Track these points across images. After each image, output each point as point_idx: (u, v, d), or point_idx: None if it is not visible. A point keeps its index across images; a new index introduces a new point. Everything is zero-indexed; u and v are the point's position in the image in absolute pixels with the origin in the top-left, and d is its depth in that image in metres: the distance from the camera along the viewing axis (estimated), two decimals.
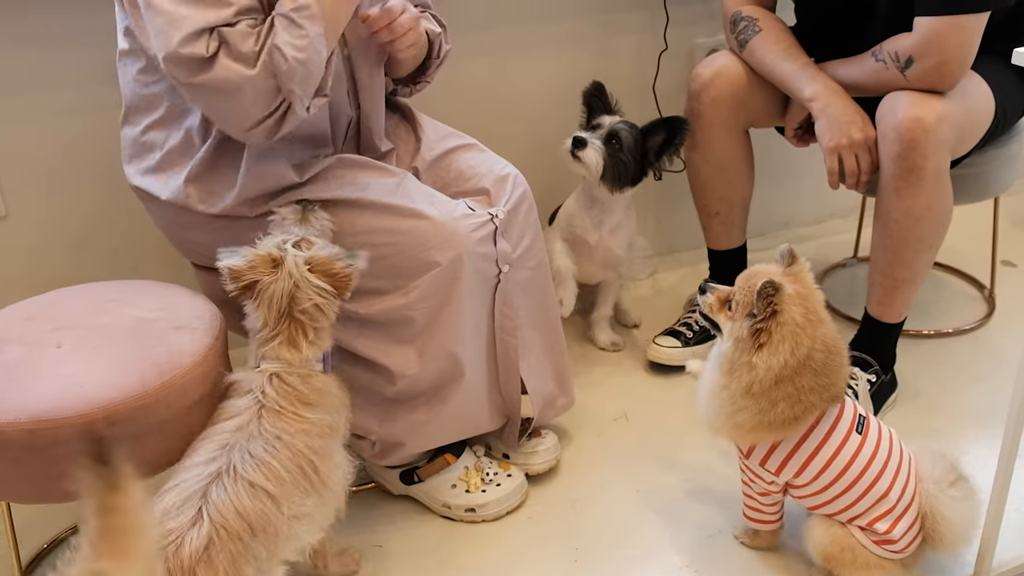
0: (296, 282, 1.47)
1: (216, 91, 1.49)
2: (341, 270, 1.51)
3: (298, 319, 1.49)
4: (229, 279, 1.48)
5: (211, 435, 1.43)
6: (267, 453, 1.39)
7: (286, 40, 1.48)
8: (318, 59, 1.52)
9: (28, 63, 2.02)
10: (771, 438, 1.59)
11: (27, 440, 1.40)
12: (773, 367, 1.51)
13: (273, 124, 1.55)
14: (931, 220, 1.92)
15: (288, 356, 1.49)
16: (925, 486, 1.61)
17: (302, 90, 1.52)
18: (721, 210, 2.28)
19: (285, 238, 1.52)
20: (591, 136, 2.15)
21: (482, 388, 1.83)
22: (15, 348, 1.54)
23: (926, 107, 1.84)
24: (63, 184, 2.14)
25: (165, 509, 1.32)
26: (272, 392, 1.46)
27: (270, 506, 1.36)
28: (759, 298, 1.51)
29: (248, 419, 1.43)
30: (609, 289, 2.41)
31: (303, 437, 1.44)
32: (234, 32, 1.47)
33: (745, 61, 2.13)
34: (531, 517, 1.90)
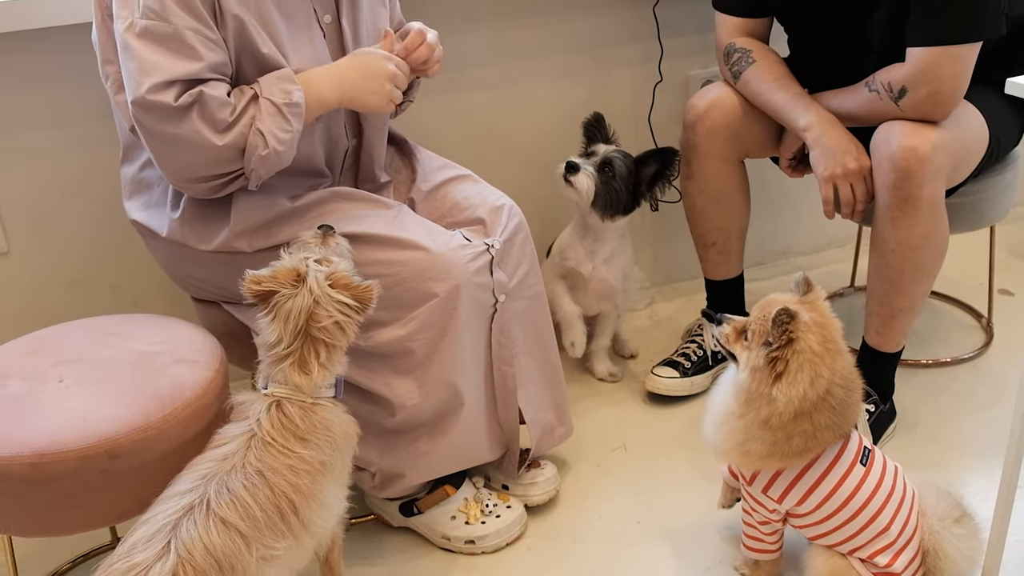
0: (316, 298, 1.45)
1: (175, 143, 1.55)
2: (362, 284, 1.49)
3: (315, 337, 1.46)
4: (249, 284, 1.46)
5: (197, 463, 1.41)
6: (244, 490, 1.36)
7: (271, 129, 1.56)
8: (291, 153, 1.62)
9: (27, 101, 2.04)
10: (780, 466, 1.59)
11: (29, 474, 1.41)
12: (793, 399, 1.50)
13: (218, 186, 1.62)
14: (927, 249, 1.93)
15: (297, 380, 1.46)
16: (929, 522, 1.61)
17: (266, 173, 1.61)
18: (718, 240, 2.29)
19: (307, 255, 1.51)
20: (584, 162, 2.18)
21: (481, 418, 1.84)
22: (17, 382, 1.55)
23: (920, 137, 1.86)
24: (64, 220, 2.16)
25: (134, 542, 1.30)
26: (268, 423, 1.43)
27: (240, 545, 1.32)
28: (774, 325, 1.50)
29: (236, 448, 1.40)
30: (607, 320, 2.42)
31: (288, 475, 1.40)
32: (213, 98, 1.53)
33: (739, 92, 2.15)
34: (531, 549, 1.90)
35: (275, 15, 1.64)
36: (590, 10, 2.45)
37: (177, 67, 1.51)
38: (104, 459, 1.44)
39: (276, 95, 1.58)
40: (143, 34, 1.51)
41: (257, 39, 1.60)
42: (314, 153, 1.76)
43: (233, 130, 1.55)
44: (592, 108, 2.34)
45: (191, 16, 1.51)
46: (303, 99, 1.60)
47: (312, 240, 1.58)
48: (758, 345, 1.55)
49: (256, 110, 1.57)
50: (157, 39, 1.51)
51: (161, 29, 1.50)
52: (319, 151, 1.78)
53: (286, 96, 1.58)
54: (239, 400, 1.49)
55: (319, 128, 1.75)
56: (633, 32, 2.51)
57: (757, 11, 2.14)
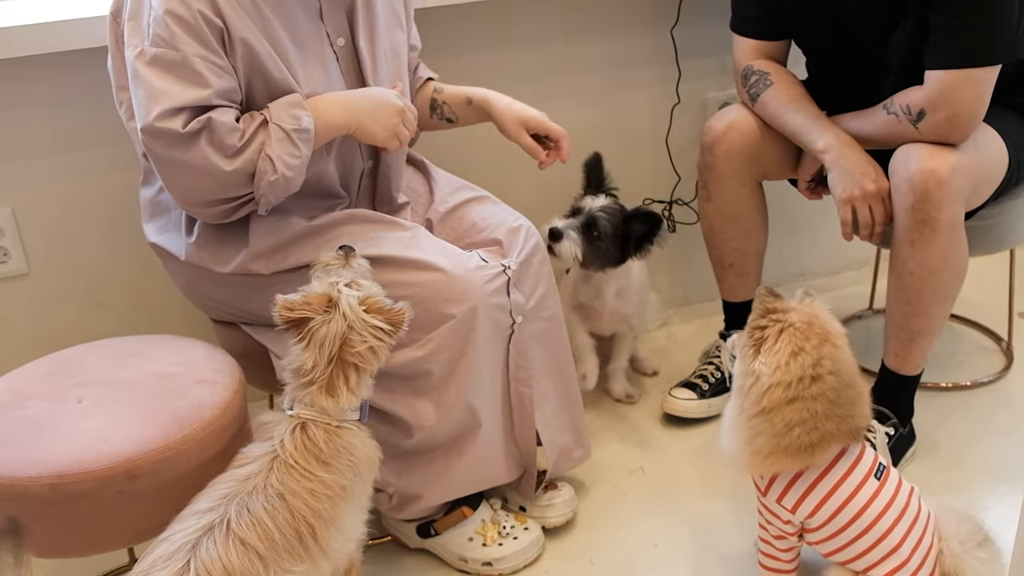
0: (351, 324, 1.44)
1: (184, 169, 1.57)
2: (394, 308, 1.49)
3: (346, 362, 1.45)
4: (281, 310, 1.45)
5: (218, 482, 1.41)
6: (265, 512, 1.36)
7: (279, 154, 1.58)
8: (300, 179, 1.63)
9: (47, 124, 2.06)
10: (789, 465, 1.59)
11: (48, 495, 1.42)
12: (774, 370, 1.52)
13: (228, 210, 1.63)
14: (946, 271, 1.93)
15: (324, 404, 1.45)
16: (950, 545, 1.60)
17: (275, 199, 1.62)
18: (735, 262, 2.29)
19: (336, 280, 1.50)
20: (567, 224, 2.10)
21: (498, 439, 1.83)
22: (38, 403, 1.56)
23: (939, 159, 1.85)
24: (83, 242, 2.18)
25: (154, 560, 1.30)
26: (291, 445, 1.43)
27: (258, 566, 1.32)
28: (756, 301, 1.54)
29: (258, 469, 1.41)
30: (623, 341, 2.42)
31: (308, 498, 1.40)
32: (222, 123, 1.54)
33: (757, 114, 2.15)
34: (548, 571, 1.89)
35: (285, 39, 1.65)
36: (608, 32, 2.46)
37: (185, 94, 1.52)
38: (123, 480, 1.44)
39: (285, 120, 1.59)
40: (152, 62, 1.53)
41: (268, 63, 1.61)
42: (327, 174, 1.77)
43: (242, 155, 1.56)
44: (611, 129, 2.35)
45: (199, 43, 1.53)
46: (312, 125, 1.61)
47: (335, 262, 1.57)
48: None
49: (265, 135, 1.59)
50: (166, 66, 1.52)
51: (170, 57, 1.52)
52: (332, 173, 1.79)
53: (295, 122, 1.59)
54: (263, 420, 1.49)
55: (331, 149, 1.76)
56: (651, 54, 2.51)
57: (775, 34, 2.15)
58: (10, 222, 2.10)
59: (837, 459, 1.60)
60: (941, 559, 1.60)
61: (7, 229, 2.10)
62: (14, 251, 2.12)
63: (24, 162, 2.08)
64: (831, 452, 1.59)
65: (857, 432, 1.60)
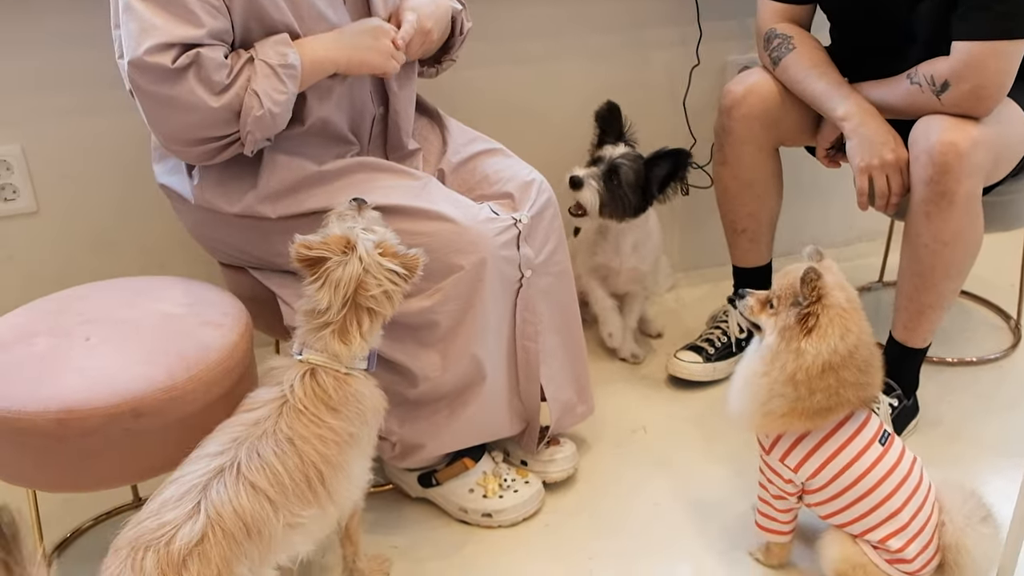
0: (366, 267, 1.44)
1: (171, 105, 1.54)
2: (410, 253, 1.49)
3: (360, 306, 1.45)
4: (299, 248, 1.43)
5: (228, 425, 1.42)
6: (275, 456, 1.37)
7: (266, 90, 1.56)
8: (286, 116, 1.61)
9: (57, 61, 2.05)
10: (799, 426, 1.60)
11: (55, 430, 1.42)
12: (823, 352, 1.54)
13: (212, 150, 1.61)
14: (960, 246, 1.91)
15: (336, 348, 1.46)
16: (954, 520, 1.61)
17: (261, 136, 1.60)
18: (748, 227, 2.27)
19: (352, 225, 1.49)
20: (588, 175, 2.14)
21: (502, 393, 1.84)
22: (45, 340, 1.57)
23: (961, 132, 1.83)
24: (93, 182, 2.17)
25: (164, 500, 1.31)
26: (301, 391, 1.43)
27: (268, 510, 1.34)
28: (803, 284, 1.54)
29: (267, 414, 1.41)
30: (634, 301, 2.42)
31: (317, 444, 1.41)
32: (211, 59, 1.52)
33: (778, 79, 2.13)
34: (547, 525, 1.90)
35: None
36: None
37: (177, 30, 1.50)
38: (129, 418, 1.45)
39: (271, 56, 1.57)
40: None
41: (269, 6, 1.59)
42: (331, 119, 1.75)
43: (229, 92, 1.55)
44: (626, 89, 2.32)
45: None
46: (299, 61, 1.59)
47: (348, 212, 1.56)
48: (786, 308, 1.58)
49: (251, 71, 1.57)
50: (160, 2, 1.51)
51: None
52: (339, 118, 1.77)
53: (281, 58, 1.58)
54: (272, 365, 1.49)
55: (337, 94, 1.74)
56: (672, 14, 2.48)
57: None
58: (20, 159, 2.09)
59: (843, 423, 1.61)
60: (943, 532, 1.61)
61: (16, 166, 2.09)
62: (23, 189, 2.11)
63: (35, 99, 2.07)
64: (842, 416, 1.60)
65: (870, 400, 1.61)
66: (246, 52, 1.59)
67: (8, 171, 2.09)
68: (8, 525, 1.15)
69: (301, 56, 1.60)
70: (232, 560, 1.29)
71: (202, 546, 1.27)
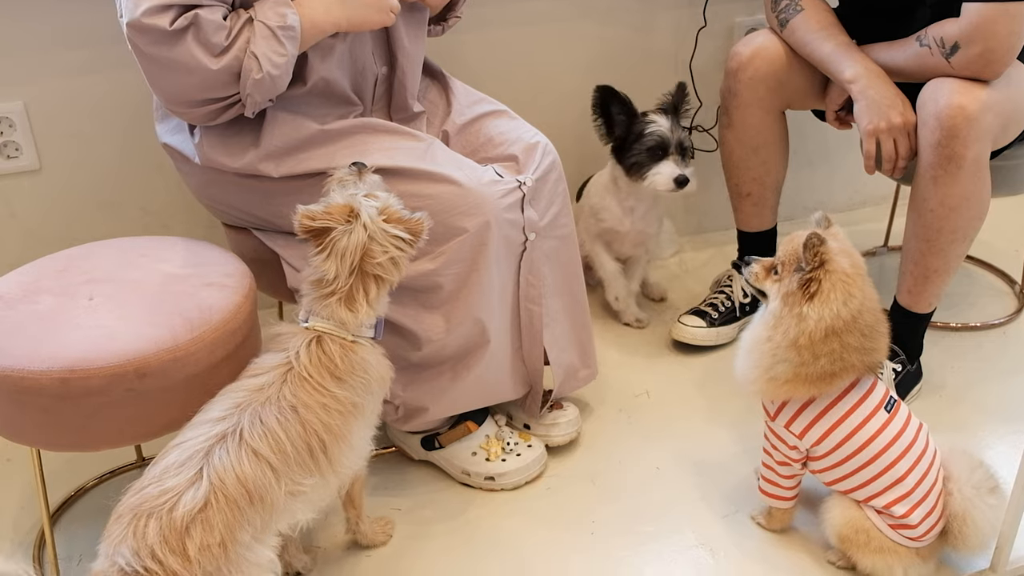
0: (372, 234, 1.42)
1: (170, 67, 1.53)
2: (413, 217, 1.47)
3: (368, 273, 1.44)
4: (302, 219, 1.42)
5: (231, 390, 1.41)
6: (278, 423, 1.36)
7: (265, 52, 1.54)
8: (286, 79, 1.59)
9: (61, 18, 2.03)
10: (803, 392, 1.60)
11: (59, 389, 1.42)
12: (825, 317, 1.53)
13: (213, 111, 1.60)
14: (967, 210, 1.90)
15: (343, 316, 1.45)
16: (962, 489, 1.61)
17: (262, 99, 1.59)
18: (753, 191, 2.26)
19: (354, 192, 1.47)
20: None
21: (506, 356, 1.84)
22: (48, 299, 1.57)
23: (970, 95, 1.81)
24: (96, 140, 2.16)
25: (166, 466, 1.30)
26: (306, 358, 1.42)
27: (270, 477, 1.33)
28: (805, 249, 1.54)
29: (271, 380, 1.41)
30: (637, 265, 2.42)
31: (320, 412, 1.40)
32: (209, 21, 1.50)
33: (785, 41, 2.10)
34: (549, 488, 1.91)
35: None
36: None
37: None
38: (132, 378, 1.45)
39: (270, 18, 1.55)
40: None
41: None
42: (334, 79, 1.73)
43: (228, 54, 1.53)
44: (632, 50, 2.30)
45: None
46: (298, 22, 1.57)
47: (349, 177, 1.55)
48: (789, 274, 1.58)
49: (251, 33, 1.55)
50: None
51: None
52: (341, 78, 1.75)
53: (280, 19, 1.56)
54: (277, 331, 1.48)
55: (338, 54, 1.72)
56: None
57: None
58: (22, 116, 2.08)
59: (849, 389, 1.61)
60: (950, 501, 1.61)
61: (19, 124, 2.08)
62: (25, 146, 2.10)
63: (37, 56, 2.05)
64: (847, 381, 1.60)
65: (875, 366, 1.61)
66: (245, 13, 1.57)
67: (11, 128, 2.08)
68: None
69: (300, 17, 1.58)
70: (235, 527, 1.28)
71: (205, 513, 1.26)
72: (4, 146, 2.09)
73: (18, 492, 1.90)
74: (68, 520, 1.84)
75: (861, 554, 1.64)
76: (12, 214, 2.16)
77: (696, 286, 2.56)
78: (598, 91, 2.20)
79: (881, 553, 1.62)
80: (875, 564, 1.63)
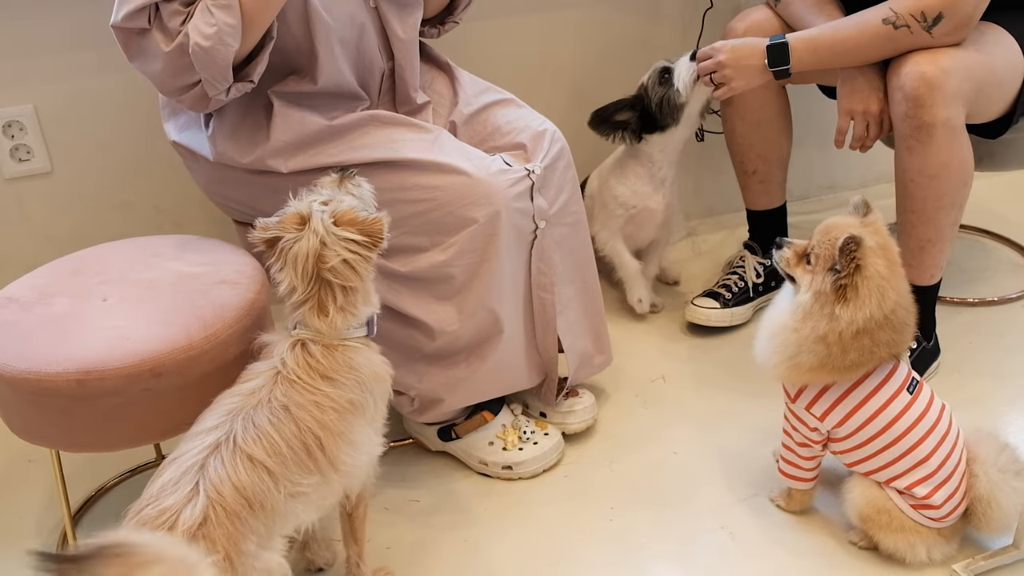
0: (322, 239, 1.38)
1: (142, 57, 1.58)
2: (369, 218, 1.42)
3: (328, 281, 1.40)
4: (258, 232, 1.41)
5: (224, 398, 1.39)
6: (270, 424, 1.34)
7: (196, 26, 1.53)
8: (223, 50, 1.54)
9: (68, 21, 2.04)
10: (827, 379, 1.59)
11: (75, 390, 1.43)
12: (858, 320, 1.52)
13: (198, 96, 1.60)
14: (947, 177, 1.89)
15: (317, 324, 1.42)
16: (988, 472, 1.60)
17: (209, 75, 1.56)
18: (758, 168, 2.25)
19: (314, 198, 1.44)
20: None
21: (520, 345, 1.84)
22: (63, 300, 1.57)
23: (930, 64, 1.81)
24: (106, 141, 2.17)
25: (163, 484, 1.28)
26: (292, 361, 1.40)
27: (268, 482, 1.31)
28: (842, 255, 1.51)
29: (262, 384, 1.39)
30: (656, 248, 2.41)
31: (313, 411, 1.37)
32: (167, 7, 1.53)
33: (780, 15, 2.10)
34: (567, 476, 1.91)
35: None
36: None
37: None
38: (148, 377, 1.46)
39: None
40: None
41: None
42: (344, 78, 1.74)
43: (179, 36, 1.54)
44: (640, 34, 2.29)
45: None
46: None
47: (328, 183, 1.52)
48: (823, 270, 1.55)
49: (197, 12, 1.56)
50: None
51: None
52: (350, 75, 1.76)
53: None
54: (266, 340, 1.47)
55: (343, 50, 1.72)
56: None
57: None
58: (32, 119, 2.09)
59: (870, 371, 1.59)
60: (976, 483, 1.60)
61: (30, 127, 2.09)
62: (37, 149, 2.11)
63: (46, 59, 2.06)
64: (872, 369, 1.58)
65: (901, 353, 1.59)
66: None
67: (22, 131, 2.09)
68: None
69: None
70: (238, 538, 1.26)
71: (205, 528, 1.23)
72: (16, 149, 2.10)
73: (40, 493, 1.92)
74: (90, 519, 1.85)
75: (883, 534, 1.63)
76: (26, 217, 2.17)
77: (709, 268, 2.55)
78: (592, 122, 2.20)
79: (903, 533, 1.62)
80: (897, 544, 1.63)
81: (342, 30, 1.70)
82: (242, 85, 1.62)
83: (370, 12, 1.76)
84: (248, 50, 1.59)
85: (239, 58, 1.58)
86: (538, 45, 2.43)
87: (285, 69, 1.71)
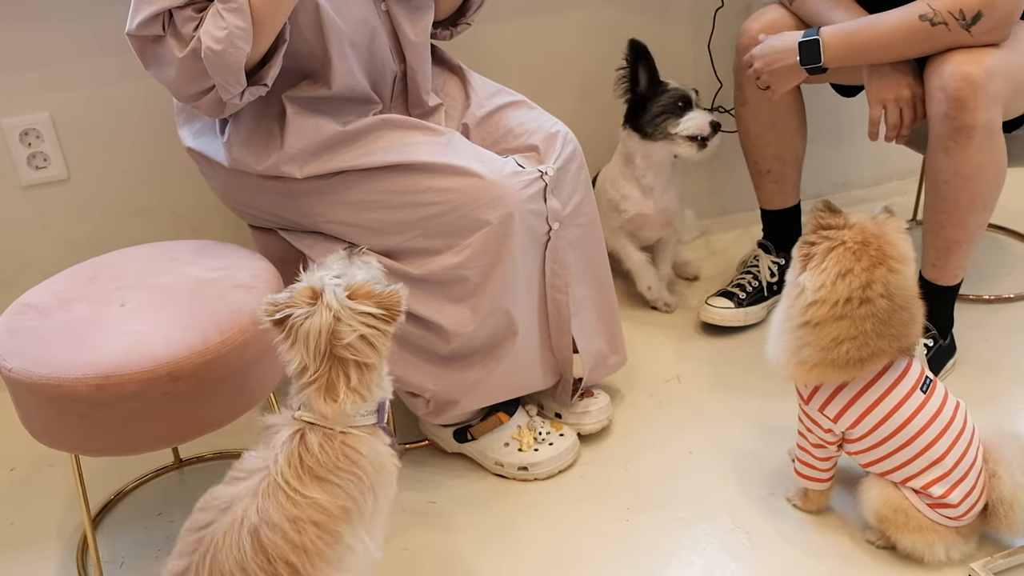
0: (336, 314, 1.28)
1: (158, 64, 1.59)
2: (386, 291, 1.33)
3: (342, 358, 1.30)
4: (267, 307, 1.32)
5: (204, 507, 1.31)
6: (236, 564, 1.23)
7: (207, 30, 1.54)
8: (235, 53, 1.55)
9: (84, 29, 2.06)
10: (835, 377, 1.58)
11: (94, 395, 1.45)
12: (817, 288, 1.51)
13: (214, 102, 1.61)
14: (983, 179, 1.88)
15: (323, 409, 1.30)
16: (1012, 474, 1.59)
17: (222, 79, 1.57)
18: (773, 168, 2.25)
19: (325, 272, 1.35)
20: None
21: (535, 346, 1.84)
22: (81, 306, 1.59)
23: (974, 63, 1.79)
24: (122, 148, 2.18)
25: None
26: (284, 460, 1.29)
27: None
28: (810, 216, 1.52)
29: (246, 492, 1.29)
30: (666, 247, 2.42)
31: (289, 531, 1.25)
32: (181, 14, 1.54)
33: (795, 13, 2.09)
34: (583, 476, 1.91)
35: None
36: None
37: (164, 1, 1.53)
38: (166, 382, 1.47)
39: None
40: None
41: None
42: (357, 82, 1.75)
43: (192, 41, 1.55)
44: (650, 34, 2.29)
45: None
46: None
47: (337, 260, 1.43)
48: None
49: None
50: None
51: None
52: (363, 79, 1.76)
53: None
54: (268, 423, 1.37)
55: (354, 53, 1.73)
56: None
57: None
58: (49, 127, 2.10)
59: (883, 372, 1.59)
60: (998, 484, 1.59)
61: (46, 134, 2.11)
62: (54, 156, 2.13)
63: (61, 67, 2.08)
64: (879, 366, 1.58)
65: (908, 349, 1.58)
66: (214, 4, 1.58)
67: (39, 139, 2.11)
68: None
69: None
70: None
71: None
72: (33, 157, 2.12)
73: (61, 497, 1.93)
74: (110, 523, 1.87)
75: (900, 534, 1.63)
76: (44, 224, 2.19)
77: (723, 268, 2.55)
78: (631, 44, 2.21)
79: (921, 532, 1.61)
80: (915, 543, 1.62)
81: (353, 33, 1.71)
82: (256, 89, 1.63)
83: (381, 15, 1.77)
84: (261, 53, 1.60)
85: (252, 62, 1.59)
86: (548, 46, 2.43)
87: (299, 73, 1.73)
